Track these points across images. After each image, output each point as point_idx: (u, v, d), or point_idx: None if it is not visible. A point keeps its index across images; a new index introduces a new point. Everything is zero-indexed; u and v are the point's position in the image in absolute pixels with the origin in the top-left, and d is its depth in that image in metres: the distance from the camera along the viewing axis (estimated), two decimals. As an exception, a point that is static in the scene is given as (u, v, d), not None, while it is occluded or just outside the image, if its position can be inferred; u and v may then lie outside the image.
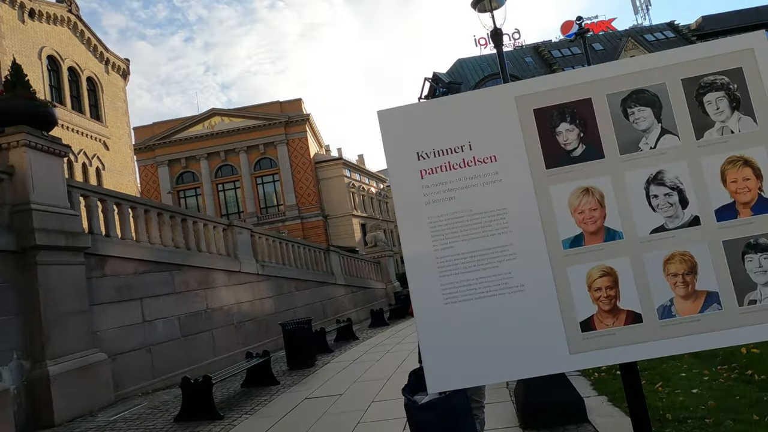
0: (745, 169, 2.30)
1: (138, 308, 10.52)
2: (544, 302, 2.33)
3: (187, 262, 12.17)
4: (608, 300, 2.30)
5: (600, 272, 2.32)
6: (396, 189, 2.47)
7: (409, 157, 2.47)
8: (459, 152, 2.45)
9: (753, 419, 4.40)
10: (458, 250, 2.38)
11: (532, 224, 2.37)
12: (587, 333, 2.30)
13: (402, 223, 2.44)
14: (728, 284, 2.26)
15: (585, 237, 2.35)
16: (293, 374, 10.48)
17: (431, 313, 2.37)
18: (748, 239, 2.27)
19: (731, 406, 4.85)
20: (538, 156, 2.41)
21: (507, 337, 2.33)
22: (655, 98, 2.38)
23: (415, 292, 2.39)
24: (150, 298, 10.85)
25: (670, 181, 2.33)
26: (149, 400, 9.40)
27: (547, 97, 2.43)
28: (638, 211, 2.33)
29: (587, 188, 2.37)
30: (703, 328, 2.25)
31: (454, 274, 2.38)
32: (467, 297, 2.36)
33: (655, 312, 2.28)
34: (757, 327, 2.23)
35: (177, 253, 12.03)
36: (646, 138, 2.37)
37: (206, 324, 12.48)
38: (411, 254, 2.42)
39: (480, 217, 2.39)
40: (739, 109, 2.34)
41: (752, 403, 4.83)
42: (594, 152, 2.39)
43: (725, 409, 4.79)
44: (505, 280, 2.35)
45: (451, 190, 2.42)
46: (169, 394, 9.65)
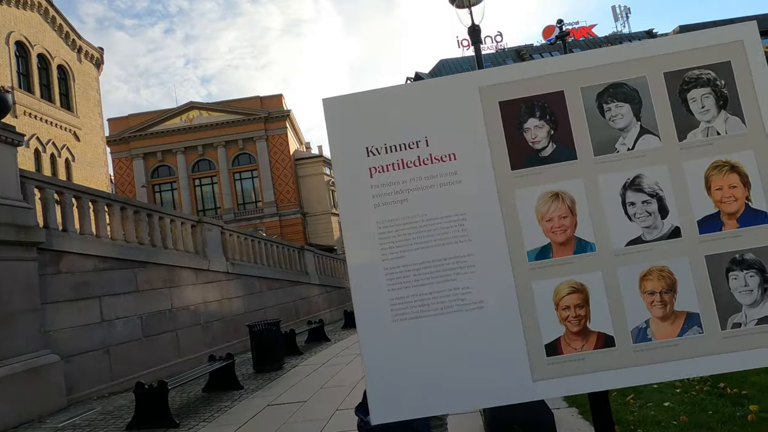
0: (732, 175, 2.05)
1: (96, 307, 10.00)
2: (505, 321, 2.04)
3: (151, 259, 11.67)
4: (577, 320, 2.03)
5: (569, 288, 2.05)
6: (341, 188, 2.16)
7: (357, 153, 2.15)
8: (414, 148, 2.14)
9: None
10: (410, 260, 2.08)
11: (494, 232, 2.08)
12: (553, 357, 2.02)
13: (346, 227, 2.13)
14: (710, 305, 2.00)
15: (553, 248, 2.07)
16: (259, 378, 10.09)
17: (377, 332, 2.07)
18: (734, 254, 2.02)
19: (703, 421, 4.67)
20: (502, 155, 2.12)
21: (463, 360, 2.04)
22: (635, 93, 2.11)
23: (360, 307, 2.09)
24: (110, 296, 10.34)
25: (648, 187, 2.07)
26: (104, 404, 8.92)
27: (515, 88, 2.15)
28: (613, 220, 2.06)
29: (557, 193, 2.09)
30: (681, 354, 1.99)
31: (404, 287, 2.07)
32: (419, 314, 2.06)
33: (629, 335, 2.02)
34: (741, 354, 1.98)
35: (141, 249, 11.53)
36: (623, 138, 2.10)
37: (170, 324, 11.99)
38: (356, 264, 2.11)
39: (436, 222, 2.10)
40: (727, 108, 2.09)
41: (725, 418, 4.66)
42: (565, 152, 2.11)
43: (697, 425, 4.60)
44: (463, 295, 2.06)
45: (403, 192, 2.12)
46: (126, 398, 9.17)
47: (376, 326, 2.07)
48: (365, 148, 2.15)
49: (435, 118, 2.15)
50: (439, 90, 2.19)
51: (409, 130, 2.15)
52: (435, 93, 2.18)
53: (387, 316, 2.06)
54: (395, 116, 2.17)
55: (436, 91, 2.18)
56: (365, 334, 2.07)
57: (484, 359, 2.04)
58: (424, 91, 2.19)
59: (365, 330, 2.07)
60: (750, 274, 2.00)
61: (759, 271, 2.01)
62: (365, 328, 2.07)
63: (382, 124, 2.16)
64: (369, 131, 2.16)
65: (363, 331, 2.07)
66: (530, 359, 2.03)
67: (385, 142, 2.15)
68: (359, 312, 2.08)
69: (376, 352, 2.06)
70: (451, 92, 2.17)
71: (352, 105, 2.19)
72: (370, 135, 2.16)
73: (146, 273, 11.48)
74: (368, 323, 2.07)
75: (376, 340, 2.06)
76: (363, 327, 2.07)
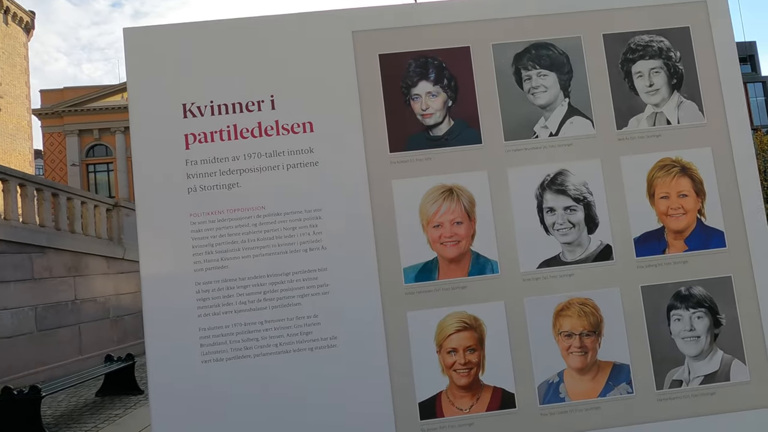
0: (682, 179, 1.52)
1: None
2: (365, 368, 1.42)
3: (53, 244, 10.42)
4: (467, 369, 1.44)
5: (458, 324, 1.45)
6: (140, 162, 1.46)
7: (167, 111, 1.47)
8: (253, 111, 1.48)
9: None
10: (235, 273, 1.42)
11: (359, 239, 1.46)
12: (429, 422, 1.42)
13: (143, 219, 1.44)
14: (645, 354, 1.46)
15: (440, 265, 1.46)
16: (165, 382, 9.15)
17: (177, 378, 1.39)
18: (678, 287, 1.49)
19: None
20: (379, 130, 1.50)
21: (304, 421, 1.40)
22: (564, 60, 1.54)
23: (153, 341, 1.40)
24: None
25: (574, 188, 1.50)
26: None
27: (403, 37, 1.53)
28: (524, 232, 1.48)
29: (450, 188, 1.49)
30: (603, 421, 1.44)
31: (223, 312, 1.41)
32: (242, 353, 1.40)
33: (535, 392, 1.44)
34: (679, 423, 1.44)
35: (40, 233, 10.27)
36: (545, 118, 1.53)
37: (72, 317, 10.78)
38: (151, 274, 1.42)
39: (278, 220, 1.45)
40: (681, 90, 1.56)
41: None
42: (466, 132, 1.51)
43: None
44: (309, 327, 1.42)
45: (232, 172, 1.45)
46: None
47: (176, 369, 1.39)
48: (181, 105, 1.47)
49: (286, 70, 1.50)
50: (297, 29, 1.53)
51: (248, 85, 1.49)
52: (290, 33, 1.52)
53: (193, 353, 1.39)
54: (229, 62, 1.49)
55: (292, 31, 1.52)
56: (157, 383, 1.38)
57: (334, 420, 1.40)
58: (275, 30, 1.52)
59: (157, 376, 1.39)
60: (698, 314, 1.48)
61: (709, 311, 1.48)
62: (158, 372, 1.39)
63: (208, 72, 1.49)
64: (189, 82, 1.48)
65: (155, 379, 1.39)
66: (397, 423, 1.41)
67: (212, 99, 1.48)
68: (151, 348, 1.40)
69: (174, 409, 1.38)
70: (313, 34, 1.52)
71: (166, 41, 1.49)
72: (189, 87, 1.48)
73: (45, 259, 10.24)
74: (163, 365, 1.39)
75: (175, 390, 1.39)
76: (155, 371, 1.39)
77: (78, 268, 11.38)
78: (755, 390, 1.46)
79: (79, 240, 11.55)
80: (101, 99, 49.28)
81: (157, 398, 1.38)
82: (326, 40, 1.51)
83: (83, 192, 13.78)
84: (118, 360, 8.46)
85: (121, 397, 8.09)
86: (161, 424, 1.36)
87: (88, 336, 11.42)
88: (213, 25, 1.51)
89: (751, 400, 1.46)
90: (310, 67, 1.50)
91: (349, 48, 1.51)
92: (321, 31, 1.52)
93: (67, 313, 10.94)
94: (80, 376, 7.61)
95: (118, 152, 49.21)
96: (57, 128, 48.67)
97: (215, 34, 1.50)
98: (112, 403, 7.89)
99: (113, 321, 12.30)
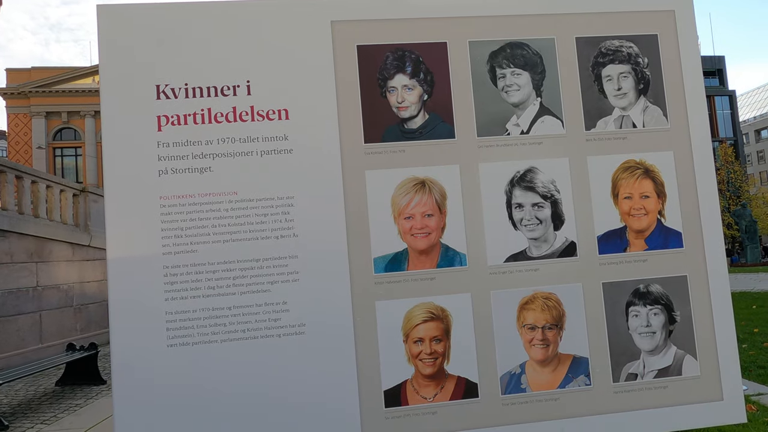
0: (645, 181, 1.58)
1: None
2: (333, 355, 1.44)
3: (15, 228, 10.07)
4: (432, 359, 1.46)
5: (426, 314, 1.47)
6: (110, 140, 1.44)
7: (140, 91, 1.45)
8: (228, 95, 1.47)
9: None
10: (204, 257, 1.42)
11: (331, 228, 1.47)
12: (394, 409, 1.44)
13: (111, 199, 1.42)
14: (603, 348, 1.52)
15: (410, 257, 1.49)
16: (129, 372, 8.95)
17: (141, 362, 1.38)
18: (637, 284, 1.54)
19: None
20: (355, 121, 1.51)
21: (269, 407, 1.40)
22: (537, 60, 1.58)
23: (117, 323, 1.38)
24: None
25: (542, 185, 1.54)
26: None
27: (381, 29, 1.54)
28: (493, 226, 1.52)
29: (423, 181, 1.51)
30: (561, 411, 1.48)
31: (191, 297, 1.40)
32: (209, 338, 1.40)
33: (498, 382, 1.48)
34: (633, 415, 1.50)
35: (2, 216, 9.90)
36: (517, 116, 1.56)
37: (33, 304, 10.44)
38: (118, 256, 1.40)
39: (249, 207, 1.44)
40: (647, 95, 1.61)
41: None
42: (440, 126, 1.54)
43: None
44: (278, 313, 1.43)
45: (205, 157, 1.44)
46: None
47: (140, 353, 1.38)
48: (155, 86, 1.45)
49: (264, 56, 1.49)
50: (277, 16, 1.52)
51: (224, 68, 1.48)
52: (270, 20, 1.51)
53: (158, 337, 1.38)
54: (206, 45, 1.48)
55: (271, 17, 1.52)
56: (120, 366, 1.37)
57: (299, 407, 1.41)
58: (254, 15, 1.52)
59: (121, 358, 1.37)
60: (654, 311, 1.54)
61: (665, 308, 1.55)
62: (121, 355, 1.37)
63: (184, 53, 1.47)
64: (163, 62, 1.46)
65: (118, 361, 1.37)
66: (362, 410, 1.43)
67: (186, 82, 1.46)
68: (116, 330, 1.38)
69: (136, 393, 1.37)
70: (292, 22, 1.52)
71: (142, 20, 1.47)
72: (164, 68, 1.46)
73: (7, 244, 9.89)
74: (127, 348, 1.38)
75: (137, 374, 1.37)
76: (119, 354, 1.37)
77: (41, 254, 11.03)
78: (705, 384, 1.54)
79: (43, 225, 11.20)
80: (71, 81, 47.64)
81: (120, 381, 1.36)
82: (305, 29, 1.51)
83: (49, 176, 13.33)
84: (81, 349, 8.25)
85: (82, 387, 7.88)
86: (123, 406, 1.35)
87: (50, 324, 11.09)
88: (191, 6, 1.49)
89: (701, 393, 1.53)
90: (287, 55, 1.50)
91: (327, 37, 1.51)
92: (300, 19, 1.52)
93: (27, 300, 10.59)
94: (40, 364, 7.39)
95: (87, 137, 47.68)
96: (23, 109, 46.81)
97: (193, 16, 1.48)
98: (73, 393, 7.68)
99: (77, 309, 11.97)
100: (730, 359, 1.54)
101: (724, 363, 1.54)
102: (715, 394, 1.53)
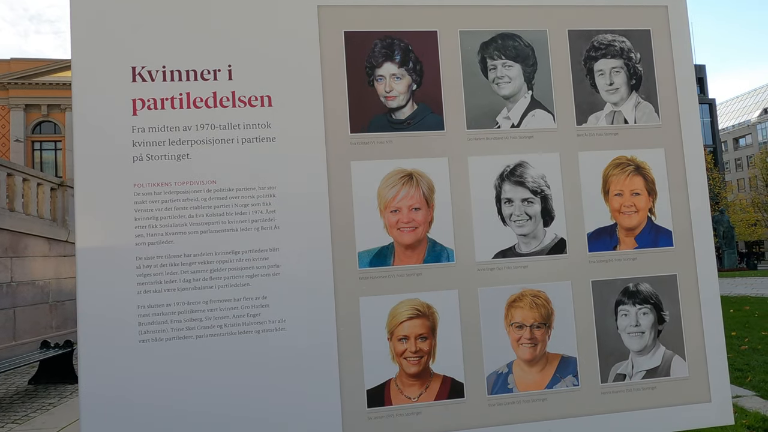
0: (636, 178, 1.55)
1: None
2: (313, 352, 1.38)
3: (-11, 222, 9.79)
4: (417, 357, 1.41)
5: (411, 311, 1.42)
6: (80, 123, 1.36)
7: (115, 73, 1.37)
8: (209, 80, 1.41)
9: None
10: (180, 249, 1.35)
11: (314, 220, 1.41)
12: (376, 409, 1.39)
13: (82, 184, 1.34)
14: (592, 348, 1.48)
15: (396, 251, 1.44)
16: (105, 371, 8.75)
17: (111, 358, 1.30)
18: (627, 283, 1.51)
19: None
20: (340, 110, 1.45)
21: (247, 407, 1.34)
22: (529, 52, 1.54)
23: (86, 316, 1.30)
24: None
25: (533, 180, 1.50)
26: None
27: (370, 16, 1.49)
28: (481, 221, 1.47)
29: (410, 174, 1.46)
30: (548, 412, 1.45)
31: (165, 290, 1.33)
32: (183, 333, 1.33)
33: (484, 382, 1.44)
34: (621, 416, 1.47)
35: (-25, 209, 9.63)
36: (508, 109, 1.52)
37: (7, 300, 10.16)
38: (87, 246, 1.32)
39: (229, 196, 1.38)
40: (639, 91, 1.59)
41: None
42: (429, 117, 1.49)
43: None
44: (257, 308, 1.36)
45: (183, 143, 1.38)
46: None
47: (110, 349, 1.30)
48: (130, 67, 1.38)
49: (247, 40, 1.43)
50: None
51: (205, 51, 1.41)
52: (254, 2, 1.45)
53: (130, 332, 1.31)
54: (185, 26, 1.41)
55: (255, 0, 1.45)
56: (88, 361, 1.29)
57: (278, 406, 1.35)
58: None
59: (89, 354, 1.29)
60: (643, 310, 1.51)
61: (654, 308, 1.52)
62: (90, 350, 1.29)
63: (162, 35, 1.40)
64: (140, 43, 1.39)
65: (86, 356, 1.29)
66: (344, 410, 1.38)
67: (164, 64, 1.39)
68: (84, 324, 1.30)
69: (106, 390, 1.29)
70: (277, 5, 1.46)
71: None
72: (140, 49, 1.38)
73: (-21, 238, 9.61)
74: (96, 343, 1.30)
75: (107, 371, 1.30)
76: (87, 349, 1.30)
77: (16, 249, 10.74)
78: (693, 385, 1.51)
79: (19, 219, 10.92)
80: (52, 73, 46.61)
81: (88, 378, 1.29)
82: (290, 13, 1.45)
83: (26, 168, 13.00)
84: (56, 347, 8.04)
85: (56, 386, 7.68)
86: (91, 405, 1.27)
87: (24, 320, 10.80)
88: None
89: (689, 395, 1.51)
90: (271, 39, 1.44)
91: (313, 22, 1.46)
92: (286, 2, 1.45)
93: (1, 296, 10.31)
94: (12, 362, 7.19)
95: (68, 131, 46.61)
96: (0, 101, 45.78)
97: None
98: (47, 391, 7.48)
99: (52, 306, 11.68)
100: (718, 360, 1.52)
101: (712, 364, 1.52)
102: (703, 396, 1.51)
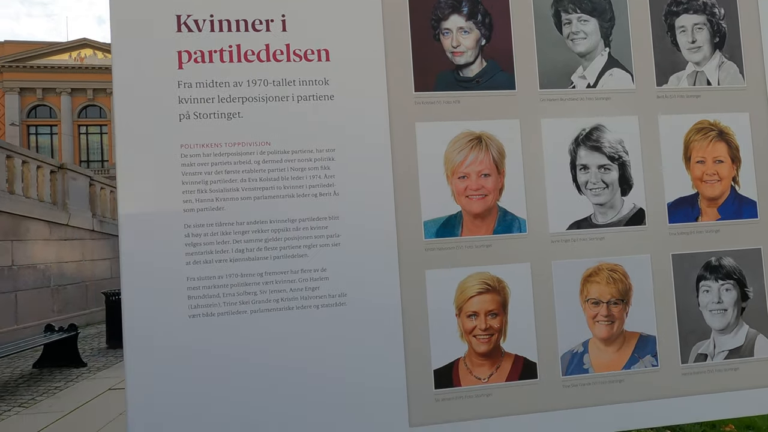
0: (719, 144, 1.43)
1: None
2: (377, 329, 1.27)
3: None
4: (487, 335, 1.30)
5: (481, 286, 1.31)
6: (120, 77, 1.22)
7: (158, 22, 1.24)
8: (261, 31, 1.27)
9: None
10: (231, 216, 1.23)
11: (376, 187, 1.29)
12: (444, 390, 1.28)
13: (124, 145, 1.21)
14: (672, 326, 1.37)
15: (464, 221, 1.32)
16: (110, 355, 8.67)
17: (159, 334, 1.19)
18: (709, 257, 1.40)
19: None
20: (404, 64, 1.32)
21: (304, 388, 1.23)
22: (606, 5, 1.41)
23: (130, 290, 1.19)
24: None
25: (610, 145, 1.38)
26: None
27: (436, -38, 1.35)
28: (555, 189, 1.36)
29: (479, 136, 1.34)
30: (626, 395, 1.34)
31: (215, 261, 1.21)
32: (237, 308, 1.21)
33: (558, 362, 1.33)
34: (700, 399, 1.37)
35: (-25, 192, 9.47)
36: (583, 67, 1.40)
37: (9, 284, 10.05)
38: (130, 212, 1.20)
39: (284, 158, 1.25)
40: (723, 50, 1.46)
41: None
42: (499, 75, 1.36)
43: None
44: (316, 281, 1.25)
45: (233, 100, 1.25)
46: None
47: (158, 324, 1.19)
48: (175, 16, 1.24)
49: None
50: (316, -57, 1.32)
51: (257, 0, 1.27)
52: (308, -54, 1.31)
53: (179, 307, 1.19)
54: (235, -29, 1.27)
55: (309, -56, 1.31)
56: (134, 338, 1.18)
57: (337, 389, 1.24)
58: (290, -61, 1.31)
59: (135, 330, 1.18)
60: (726, 286, 1.40)
61: (737, 284, 1.41)
62: (136, 326, 1.18)
63: (210, -20, 1.26)
64: (186, -12, 1.25)
65: (132, 333, 1.18)
66: (409, 392, 1.27)
67: (212, 13, 1.26)
68: (129, 299, 1.18)
69: (153, 369, 1.18)
70: (334, -51, 1.32)
71: (160, -62, 1.25)
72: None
73: (-20, 220, 9.46)
74: (143, 318, 1.18)
75: (154, 348, 1.19)
76: (133, 324, 1.18)
77: (17, 232, 10.62)
78: (776, 367, 1.41)
79: (19, 202, 10.78)
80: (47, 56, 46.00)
81: (134, 355, 1.17)
82: (350, -43, 1.31)
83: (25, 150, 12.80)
84: (60, 330, 7.96)
85: (61, 370, 7.61)
86: (137, 383, 1.16)
87: (26, 304, 10.73)
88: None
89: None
90: (329, -14, 1.30)
91: (374, -31, 1.32)
92: (344, -54, 1.32)
93: (2, 279, 10.21)
94: (16, 345, 7.11)
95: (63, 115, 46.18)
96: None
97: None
98: (52, 375, 7.41)
99: (54, 290, 11.59)
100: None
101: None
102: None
